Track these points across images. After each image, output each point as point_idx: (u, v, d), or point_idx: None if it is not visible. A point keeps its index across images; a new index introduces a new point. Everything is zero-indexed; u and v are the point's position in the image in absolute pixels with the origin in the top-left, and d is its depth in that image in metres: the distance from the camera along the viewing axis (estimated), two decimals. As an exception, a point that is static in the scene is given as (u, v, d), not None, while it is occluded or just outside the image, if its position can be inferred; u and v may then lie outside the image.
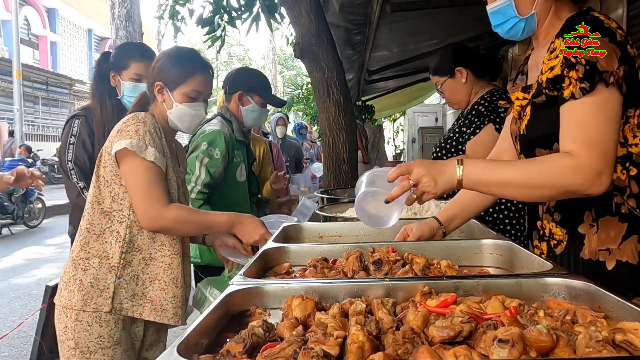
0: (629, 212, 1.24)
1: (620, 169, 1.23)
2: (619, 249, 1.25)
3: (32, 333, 2.11)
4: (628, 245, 1.24)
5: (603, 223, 1.26)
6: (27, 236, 8.78)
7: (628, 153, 1.23)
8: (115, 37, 10.03)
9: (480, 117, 2.18)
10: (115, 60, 2.22)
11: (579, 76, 1.15)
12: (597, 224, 1.27)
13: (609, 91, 1.14)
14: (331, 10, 4.20)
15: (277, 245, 1.46)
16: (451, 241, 1.49)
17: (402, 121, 18.73)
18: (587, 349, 0.72)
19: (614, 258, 1.25)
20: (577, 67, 1.15)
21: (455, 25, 4.75)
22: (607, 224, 1.26)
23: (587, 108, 1.15)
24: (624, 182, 1.24)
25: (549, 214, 1.38)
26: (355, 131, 3.84)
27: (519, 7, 1.30)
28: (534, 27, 1.33)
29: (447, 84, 2.27)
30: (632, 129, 1.22)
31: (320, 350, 0.73)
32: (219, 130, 2.39)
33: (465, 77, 2.24)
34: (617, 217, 1.25)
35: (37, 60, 21.55)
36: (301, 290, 1.04)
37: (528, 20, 1.31)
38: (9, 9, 16.79)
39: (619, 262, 1.24)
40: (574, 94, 1.16)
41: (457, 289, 1.03)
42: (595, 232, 1.27)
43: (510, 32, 1.34)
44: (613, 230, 1.25)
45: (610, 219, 1.26)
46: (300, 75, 28.18)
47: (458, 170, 1.19)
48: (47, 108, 20.77)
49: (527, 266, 1.24)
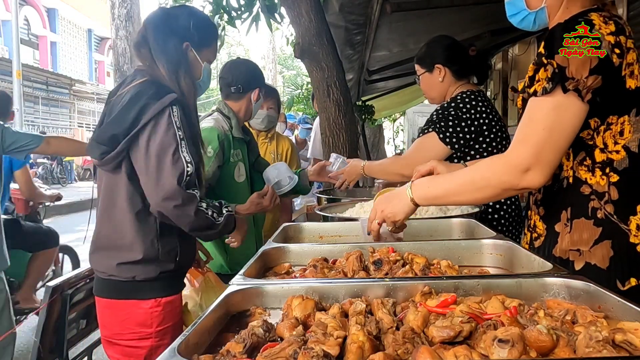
0: (605, 218, 1.25)
1: (599, 174, 1.25)
2: (589, 252, 1.26)
3: (32, 333, 2.12)
4: (599, 249, 1.25)
5: (576, 224, 1.28)
6: (27, 236, 8.76)
7: (608, 159, 1.24)
8: (115, 37, 10.04)
9: (430, 122, 2.15)
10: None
11: (547, 76, 1.18)
12: (570, 224, 1.29)
13: (566, 97, 1.16)
14: (331, 10, 4.20)
15: (277, 245, 1.46)
16: (451, 241, 1.49)
17: (402, 121, 18.73)
18: (587, 349, 0.72)
19: (583, 259, 1.26)
20: (547, 67, 1.18)
21: (455, 25, 4.75)
22: (581, 226, 1.27)
23: (540, 107, 1.19)
24: (604, 187, 1.25)
25: (535, 206, 1.41)
26: (355, 131, 3.84)
27: (529, 0, 1.32)
28: (545, 20, 1.33)
29: (425, 77, 2.25)
30: (613, 136, 1.23)
31: (320, 350, 0.73)
32: (212, 127, 2.28)
33: (442, 75, 2.19)
34: (592, 221, 1.26)
35: (37, 60, 21.54)
36: (301, 290, 1.04)
37: (538, 13, 1.32)
38: (9, 9, 16.78)
39: (588, 264, 1.25)
40: (537, 91, 1.20)
41: (457, 289, 1.03)
42: (568, 232, 1.29)
43: (522, 23, 1.36)
44: (586, 233, 1.26)
45: (584, 222, 1.27)
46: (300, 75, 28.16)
47: (409, 194, 1.33)
48: (47, 108, 20.76)
49: (527, 266, 1.24)
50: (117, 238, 1.61)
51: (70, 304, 2.08)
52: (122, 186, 1.58)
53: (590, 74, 1.14)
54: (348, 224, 1.77)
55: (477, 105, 2.12)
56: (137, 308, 1.63)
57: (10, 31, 15.62)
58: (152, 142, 1.50)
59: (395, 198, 1.36)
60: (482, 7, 4.01)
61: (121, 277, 1.61)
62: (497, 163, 1.24)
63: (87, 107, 23.81)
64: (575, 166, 1.28)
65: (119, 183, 1.58)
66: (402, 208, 1.34)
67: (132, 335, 1.63)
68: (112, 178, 1.60)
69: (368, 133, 9.97)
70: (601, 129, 1.22)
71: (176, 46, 1.64)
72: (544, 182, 1.19)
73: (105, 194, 1.63)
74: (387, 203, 1.36)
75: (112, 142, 1.50)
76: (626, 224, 1.23)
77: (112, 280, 1.62)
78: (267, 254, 1.41)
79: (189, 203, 1.52)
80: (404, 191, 1.34)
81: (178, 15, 1.69)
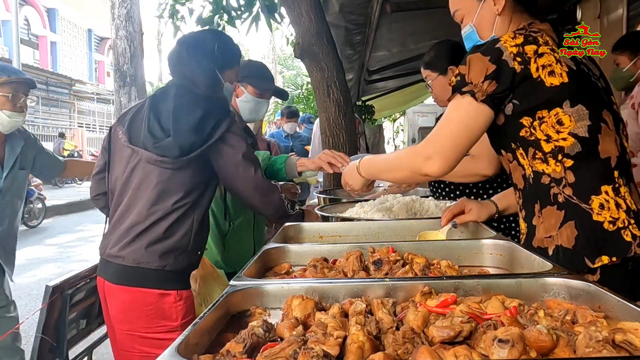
0: (565, 201, 1.33)
1: (553, 162, 1.34)
2: (557, 235, 1.34)
3: (32, 333, 2.11)
4: (564, 230, 1.33)
5: (545, 213, 1.37)
6: (27, 236, 8.76)
7: (557, 147, 1.32)
8: (115, 37, 10.03)
9: None
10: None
11: (453, 85, 1.37)
12: (541, 214, 1.38)
13: (463, 98, 1.33)
14: (331, 10, 4.20)
15: (277, 245, 1.46)
16: (451, 241, 1.49)
17: (402, 121, 18.75)
18: (587, 349, 0.72)
19: (553, 243, 1.35)
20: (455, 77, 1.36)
21: (455, 25, 4.74)
22: (549, 214, 1.37)
23: (448, 107, 1.38)
24: (560, 173, 1.34)
25: (520, 211, 1.50)
26: (355, 131, 3.84)
27: (480, 33, 1.47)
28: None
29: (438, 80, 2.25)
30: (552, 126, 1.32)
31: (320, 350, 0.73)
32: None
33: None
34: (555, 206, 1.35)
35: (37, 60, 21.54)
36: (301, 290, 1.04)
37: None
38: (9, 9, 16.78)
39: (557, 246, 1.34)
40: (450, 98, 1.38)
41: (457, 289, 1.03)
42: (541, 222, 1.38)
43: None
44: (553, 219, 1.35)
45: (550, 209, 1.36)
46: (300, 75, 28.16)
47: (357, 168, 1.65)
48: (47, 108, 20.76)
49: (527, 266, 1.24)
50: (160, 228, 1.71)
51: (70, 304, 2.08)
52: (181, 184, 1.74)
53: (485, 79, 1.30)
54: (348, 224, 1.77)
55: None
56: (162, 300, 1.71)
57: (10, 31, 15.63)
58: (234, 148, 1.76)
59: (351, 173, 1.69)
60: (482, 7, 4.00)
61: (153, 265, 1.69)
62: (410, 150, 1.49)
63: (87, 107, 23.82)
64: (531, 162, 1.38)
65: (178, 181, 1.73)
66: (353, 179, 1.68)
67: (160, 329, 1.71)
68: (167, 175, 1.73)
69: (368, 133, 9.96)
70: (536, 124, 1.33)
71: (208, 67, 1.85)
72: (443, 170, 1.35)
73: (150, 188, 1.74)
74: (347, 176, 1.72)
75: (191, 147, 1.69)
76: (587, 204, 1.31)
77: (141, 268, 1.70)
78: (267, 254, 1.41)
79: (275, 191, 1.87)
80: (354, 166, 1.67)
81: (205, 40, 1.90)
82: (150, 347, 1.71)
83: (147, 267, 1.69)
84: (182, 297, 1.74)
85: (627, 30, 3.71)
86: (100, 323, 2.29)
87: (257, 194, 1.82)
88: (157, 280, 1.71)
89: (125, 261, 1.71)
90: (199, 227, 1.78)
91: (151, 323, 1.71)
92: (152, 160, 1.72)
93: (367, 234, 1.70)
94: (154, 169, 1.73)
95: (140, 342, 1.72)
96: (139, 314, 1.70)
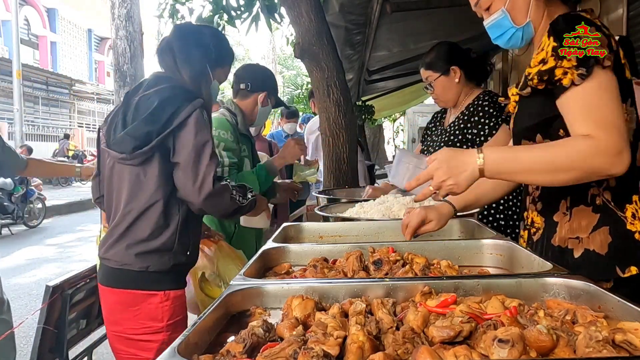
0: (602, 204, 1.28)
1: None
2: (588, 238, 1.29)
3: (32, 333, 2.11)
4: (598, 235, 1.27)
5: (576, 212, 1.30)
6: (27, 236, 8.77)
7: None
8: (115, 37, 10.04)
9: (492, 118, 2.19)
10: None
11: (573, 64, 1.16)
12: (570, 212, 1.32)
13: (605, 73, 1.16)
14: (331, 10, 4.20)
15: (277, 245, 1.46)
16: (451, 241, 1.49)
17: (402, 121, 18.75)
18: (587, 349, 0.72)
19: (582, 247, 1.29)
20: (565, 57, 1.18)
21: (455, 25, 4.75)
22: (580, 213, 1.30)
23: (590, 92, 1.16)
24: None
25: (533, 204, 1.43)
26: (355, 131, 3.84)
27: (514, 18, 1.35)
28: (532, 34, 1.37)
29: (440, 80, 2.27)
30: None
31: (320, 350, 0.73)
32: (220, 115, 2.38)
33: (458, 77, 2.24)
34: (590, 208, 1.29)
35: (37, 60, 21.54)
36: (301, 290, 1.04)
37: (525, 28, 1.35)
38: (9, 9, 16.78)
39: (587, 250, 1.28)
40: (574, 80, 1.16)
41: (457, 289, 1.03)
42: (567, 221, 1.32)
43: (510, 42, 1.39)
44: (585, 220, 1.29)
45: (584, 209, 1.30)
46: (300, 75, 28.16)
47: (479, 161, 1.20)
48: (47, 108, 20.77)
49: (527, 266, 1.24)
50: (137, 228, 1.66)
51: (70, 304, 2.08)
52: (150, 179, 1.65)
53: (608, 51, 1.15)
54: (348, 224, 1.77)
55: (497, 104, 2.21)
56: (147, 301, 1.68)
57: (10, 31, 15.63)
58: (189, 139, 1.61)
59: (461, 166, 1.21)
60: (482, 7, 4.01)
61: (135, 267, 1.66)
62: (587, 148, 1.14)
63: (87, 107, 23.82)
64: None
65: (146, 176, 1.65)
66: (466, 178, 1.21)
67: (145, 330, 1.68)
68: (135, 172, 1.66)
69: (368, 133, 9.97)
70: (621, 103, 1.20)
71: (200, 59, 1.79)
72: (629, 164, 1.13)
73: (125, 188, 1.69)
74: (450, 169, 1.21)
75: (147, 138, 1.59)
76: (622, 212, 1.26)
77: (125, 269, 1.67)
78: (267, 254, 1.41)
79: (224, 192, 1.67)
80: (473, 158, 1.20)
81: (203, 33, 1.87)
82: (136, 349, 1.69)
83: (130, 269, 1.66)
84: (170, 297, 1.70)
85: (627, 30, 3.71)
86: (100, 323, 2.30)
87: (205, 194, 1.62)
88: (141, 282, 1.67)
89: (111, 263, 1.70)
90: (183, 227, 1.70)
91: (137, 324, 1.68)
92: (117, 158, 1.66)
93: (367, 234, 1.70)
94: (124, 168, 1.68)
95: (127, 344, 1.71)
96: (126, 315, 1.69)
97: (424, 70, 2.32)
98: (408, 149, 2.13)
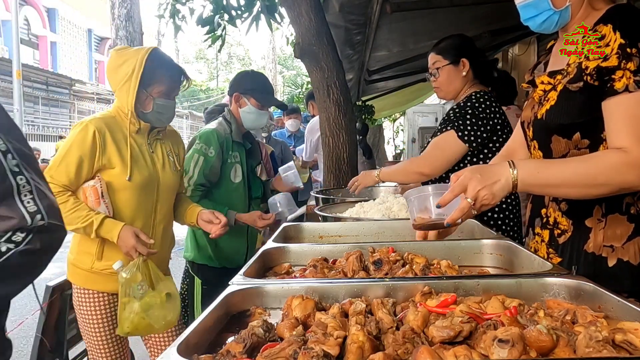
0: (637, 214, 1.25)
1: None
2: (622, 248, 1.25)
3: (32, 333, 2.11)
4: (632, 245, 1.25)
5: (611, 220, 1.27)
6: (27, 236, 8.74)
7: None
8: (115, 37, 10.04)
9: (447, 120, 2.16)
10: None
11: (635, 69, 1.11)
12: (605, 219, 1.27)
13: None
14: (331, 10, 4.19)
15: (277, 245, 1.46)
16: (451, 241, 1.49)
17: (402, 121, 18.72)
18: (587, 349, 0.72)
19: (615, 256, 1.26)
20: (633, 58, 1.12)
21: (455, 25, 4.74)
22: (615, 222, 1.26)
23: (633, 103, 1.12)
24: None
25: (555, 203, 1.37)
26: (355, 131, 3.84)
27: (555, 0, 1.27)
28: (567, 19, 1.30)
29: (448, 69, 2.22)
30: None
31: (320, 350, 0.73)
32: (214, 129, 2.50)
33: (466, 70, 2.20)
34: (625, 217, 1.26)
35: (37, 60, 21.54)
36: (301, 290, 1.04)
37: (562, 12, 1.28)
38: (9, 9, 16.78)
39: (620, 260, 1.25)
40: (628, 86, 1.12)
41: (457, 289, 1.03)
42: (602, 228, 1.28)
43: (543, 25, 1.31)
44: (619, 229, 1.26)
45: (619, 217, 1.26)
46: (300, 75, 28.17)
47: (512, 174, 1.18)
48: (47, 108, 20.74)
49: (527, 266, 1.24)
50: None
51: (70, 304, 2.08)
52: None
53: None
54: (348, 224, 1.77)
55: (490, 105, 2.14)
56: None
57: (10, 31, 15.63)
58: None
59: (494, 176, 1.19)
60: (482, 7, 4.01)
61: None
62: (619, 163, 1.12)
63: (87, 107, 23.79)
64: None
65: None
66: (501, 190, 1.19)
67: None
68: None
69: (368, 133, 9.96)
70: None
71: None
72: None
73: None
74: (485, 180, 1.18)
75: None
76: None
77: None
78: (267, 254, 1.41)
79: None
80: (506, 170, 1.19)
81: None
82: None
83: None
84: None
85: None
86: (100, 323, 2.29)
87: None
88: None
89: None
90: None
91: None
92: None
93: (367, 234, 1.70)
94: None
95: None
96: None
97: (434, 55, 2.27)
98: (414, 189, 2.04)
